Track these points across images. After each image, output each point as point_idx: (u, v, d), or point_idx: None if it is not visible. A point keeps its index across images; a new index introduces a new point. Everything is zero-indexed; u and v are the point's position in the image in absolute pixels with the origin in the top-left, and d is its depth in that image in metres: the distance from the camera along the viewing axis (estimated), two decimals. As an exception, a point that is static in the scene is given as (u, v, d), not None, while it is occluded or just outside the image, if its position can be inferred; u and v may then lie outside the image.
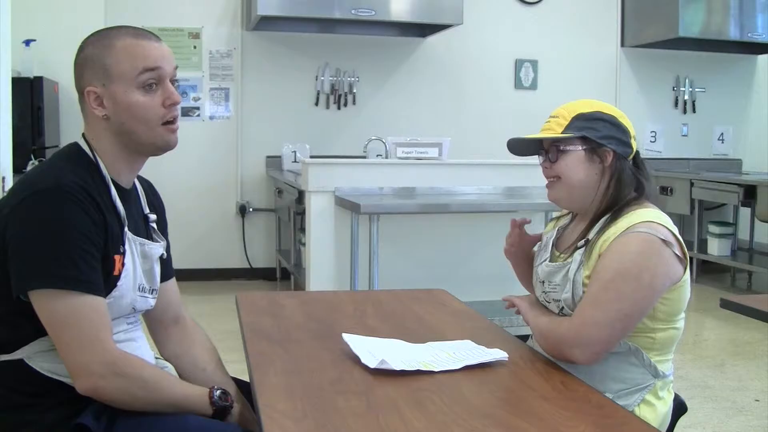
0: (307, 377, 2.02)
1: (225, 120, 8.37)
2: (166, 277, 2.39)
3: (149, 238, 2.26)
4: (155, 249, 2.24)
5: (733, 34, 8.79)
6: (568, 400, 1.91)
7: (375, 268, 5.28)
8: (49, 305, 1.93)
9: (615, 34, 9.28)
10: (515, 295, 2.54)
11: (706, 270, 8.78)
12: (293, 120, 8.46)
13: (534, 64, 9.05)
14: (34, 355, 2.01)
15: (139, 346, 2.21)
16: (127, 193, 2.19)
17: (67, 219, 1.94)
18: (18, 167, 4.75)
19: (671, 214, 7.73)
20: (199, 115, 8.27)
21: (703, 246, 8.57)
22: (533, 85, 9.05)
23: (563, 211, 2.58)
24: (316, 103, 8.56)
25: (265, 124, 8.42)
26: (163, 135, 2.12)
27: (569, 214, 2.52)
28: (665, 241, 2.17)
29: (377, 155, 7.48)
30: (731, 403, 4.77)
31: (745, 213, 8.93)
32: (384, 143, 6.97)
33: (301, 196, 6.30)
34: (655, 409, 2.24)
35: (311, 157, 7.49)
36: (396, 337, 2.34)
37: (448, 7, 7.81)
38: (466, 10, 7.88)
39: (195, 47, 8.19)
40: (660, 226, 2.20)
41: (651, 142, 9.39)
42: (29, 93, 6.82)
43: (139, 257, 2.17)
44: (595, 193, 2.33)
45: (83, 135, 2.17)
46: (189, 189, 7.96)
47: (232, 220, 8.46)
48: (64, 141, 7.25)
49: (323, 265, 5.83)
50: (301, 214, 6.69)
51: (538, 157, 2.45)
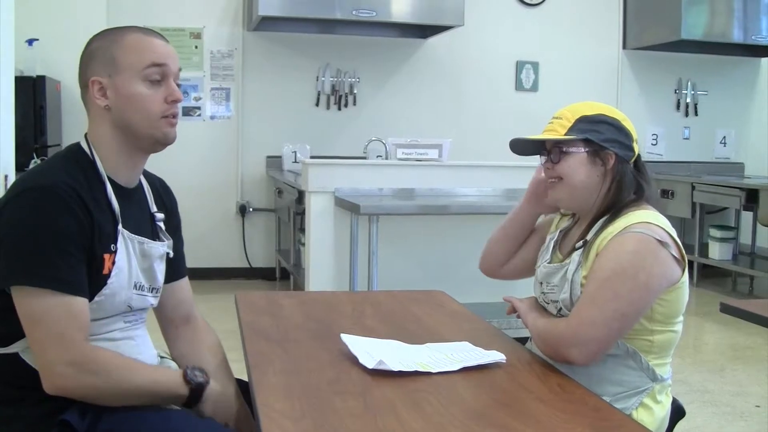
0: (305, 377, 2.02)
1: (226, 120, 8.37)
2: (177, 277, 2.41)
3: (154, 237, 2.26)
4: (156, 248, 2.23)
5: (736, 36, 8.79)
6: (564, 402, 1.91)
7: (374, 268, 5.28)
8: (24, 302, 1.95)
9: (616, 36, 9.29)
10: (515, 297, 2.54)
11: (707, 274, 8.76)
12: (294, 120, 8.47)
13: (535, 65, 9.05)
14: (26, 349, 2.02)
15: (137, 344, 2.20)
16: (127, 192, 2.19)
17: (49, 218, 1.95)
18: (20, 166, 4.75)
19: (672, 218, 7.73)
20: (199, 115, 8.28)
21: (704, 250, 8.56)
22: (534, 87, 9.05)
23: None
24: (317, 104, 8.56)
25: (266, 124, 8.43)
26: (161, 127, 2.13)
27: (571, 217, 2.52)
28: (661, 242, 2.18)
29: (377, 156, 7.48)
30: (731, 409, 4.76)
31: (746, 217, 8.93)
32: (384, 144, 6.97)
33: (301, 197, 6.31)
34: (653, 413, 2.23)
35: (311, 157, 7.49)
36: (394, 338, 2.33)
37: (449, 8, 7.81)
38: (467, 11, 7.87)
39: (196, 47, 8.20)
40: (656, 227, 2.21)
41: (652, 144, 9.39)
42: (32, 92, 6.83)
43: (136, 255, 2.17)
44: (596, 195, 2.34)
45: (86, 135, 2.19)
46: (189, 188, 7.92)
47: (232, 219, 8.47)
48: (66, 140, 7.28)
49: (323, 265, 5.83)
50: (300, 214, 6.69)
51: (539, 158, 2.46)
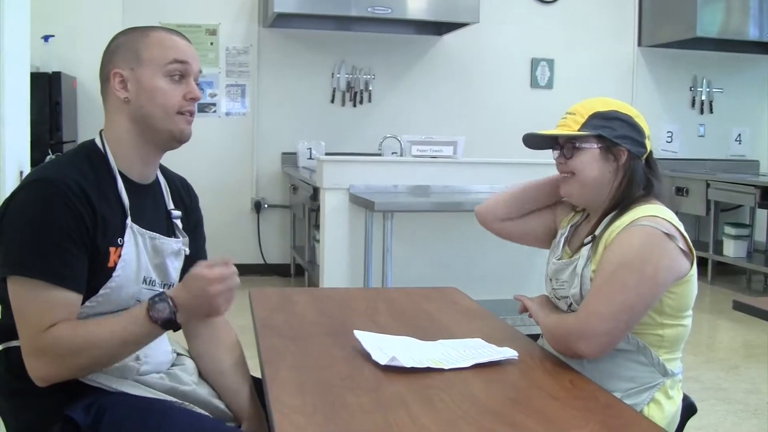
0: (318, 373, 2.04)
1: (241, 116, 8.40)
2: None
3: (169, 234, 2.28)
4: (168, 244, 2.24)
5: (752, 34, 8.75)
6: (576, 399, 1.92)
7: (388, 265, 5.29)
8: (12, 291, 1.99)
9: (632, 33, 9.27)
10: (526, 295, 2.55)
11: (722, 271, 8.74)
12: (309, 117, 8.49)
13: (550, 63, 9.05)
14: None
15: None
16: (141, 188, 2.22)
17: (46, 211, 1.98)
18: (36, 162, 4.77)
19: (687, 215, 7.73)
20: (215, 112, 8.30)
21: (718, 247, 8.53)
22: (549, 85, 9.04)
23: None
24: (332, 101, 8.58)
25: (281, 121, 8.45)
26: (178, 123, 2.15)
27: (582, 213, 2.53)
28: (668, 235, 2.19)
29: (392, 153, 7.49)
30: (744, 406, 4.76)
31: (761, 214, 8.91)
32: (399, 141, 6.98)
33: (316, 193, 6.32)
34: (664, 409, 2.24)
35: (327, 154, 7.51)
36: (407, 335, 2.35)
37: (465, 5, 7.81)
38: (483, 8, 7.88)
39: (212, 44, 8.23)
40: (663, 220, 2.22)
41: (667, 142, 9.37)
42: (47, 88, 6.86)
43: (147, 250, 2.18)
44: (607, 190, 2.35)
45: (101, 132, 2.21)
46: (204, 185, 7.85)
47: (248, 216, 8.50)
48: (82, 136, 7.31)
49: (337, 261, 5.85)
50: (315, 210, 6.71)
51: (552, 152, 2.47)
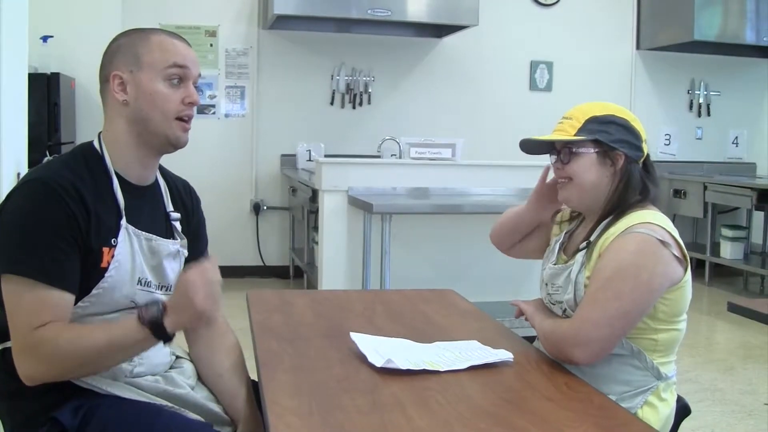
0: (314, 375, 2.05)
1: (240, 118, 8.41)
2: None
3: (168, 236, 2.29)
4: (165, 245, 2.25)
5: (749, 38, 8.78)
6: (571, 401, 1.94)
7: (386, 267, 5.30)
8: (4, 290, 2.01)
9: (630, 36, 9.29)
10: (522, 300, 2.56)
11: (719, 273, 8.76)
12: (308, 119, 8.50)
13: (549, 65, 9.06)
14: None
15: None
16: (139, 190, 2.23)
17: (38, 210, 2.00)
18: (34, 162, 4.78)
19: (684, 218, 7.74)
20: (214, 113, 8.31)
21: (716, 249, 8.56)
22: (548, 87, 9.06)
23: (566, 211, 2.61)
24: (332, 103, 8.59)
25: (281, 123, 8.46)
26: (175, 129, 2.17)
27: (577, 218, 2.55)
28: (663, 242, 2.20)
29: (392, 155, 7.50)
30: (740, 407, 4.77)
31: (758, 216, 8.93)
32: (398, 143, 6.99)
33: (315, 195, 6.34)
34: (658, 411, 2.26)
35: (326, 156, 7.54)
36: (403, 337, 2.36)
37: (464, 8, 7.83)
38: (482, 11, 7.89)
39: (211, 45, 8.24)
40: (658, 227, 2.23)
41: (665, 144, 9.39)
42: (46, 89, 6.86)
43: (143, 251, 2.19)
44: (605, 195, 2.36)
45: (99, 134, 2.23)
46: (204, 186, 7.81)
47: (247, 217, 8.51)
48: (80, 137, 7.32)
49: (336, 263, 5.86)
50: (314, 212, 6.72)
51: (549, 157, 2.47)
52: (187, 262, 2.33)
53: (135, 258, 2.16)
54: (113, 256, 2.10)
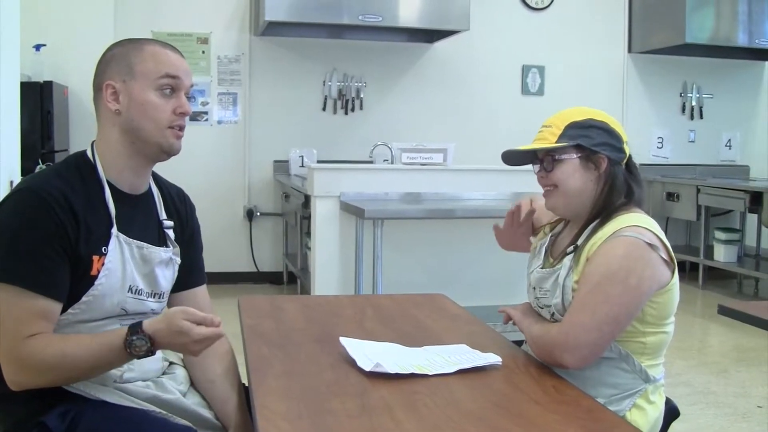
0: (304, 379, 2.06)
1: (233, 124, 8.41)
2: (191, 285, 2.44)
3: (161, 244, 2.30)
4: (156, 253, 2.26)
5: (741, 40, 8.81)
6: (558, 404, 1.94)
7: (378, 272, 5.31)
8: None
9: (622, 40, 9.31)
10: (509, 305, 2.57)
11: (713, 276, 8.78)
12: (301, 125, 8.51)
13: (541, 69, 9.08)
14: None
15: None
16: (132, 198, 2.24)
17: (27, 219, 2.02)
18: (27, 171, 4.79)
19: (678, 220, 7.76)
20: (207, 120, 8.32)
21: (709, 252, 8.57)
22: (540, 91, 9.07)
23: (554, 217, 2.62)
24: (324, 108, 8.60)
25: (273, 129, 8.47)
26: (168, 137, 2.18)
27: (562, 221, 2.56)
28: (651, 245, 2.21)
29: (384, 160, 7.52)
30: (733, 410, 4.79)
31: (751, 219, 8.94)
32: (390, 148, 7.00)
33: (307, 201, 6.34)
34: (646, 413, 2.26)
35: (318, 161, 7.54)
36: (393, 341, 2.37)
37: (455, 13, 7.84)
38: (473, 16, 7.91)
39: (203, 52, 8.24)
40: (646, 230, 2.24)
41: (658, 148, 9.41)
42: (39, 97, 6.88)
43: (134, 259, 2.20)
44: (591, 199, 2.37)
45: (92, 143, 2.24)
46: (197, 193, 7.81)
47: (240, 224, 8.51)
48: (74, 145, 7.33)
49: (328, 269, 5.87)
50: (307, 218, 6.73)
51: (533, 167, 2.48)
52: (181, 268, 2.36)
53: (126, 266, 2.17)
54: (103, 264, 2.12)
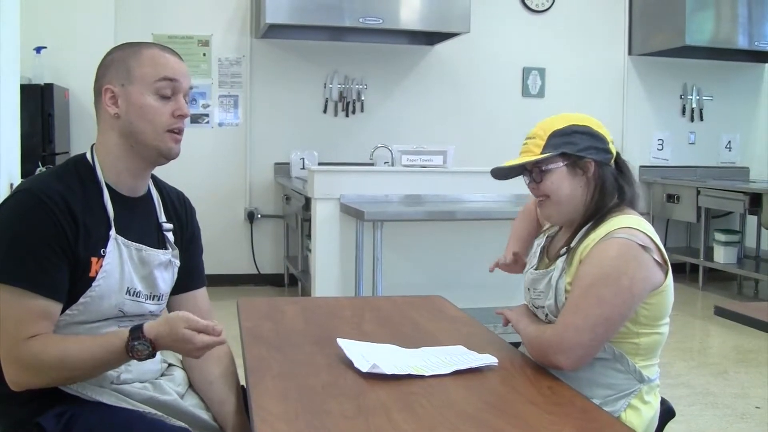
0: (301, 381, 2.07)
1: (234, 127, 8.42)
2: (191, 287, 2.46)
3: (160, 246, 2.32)
4: (155, 255, 2.27)
5: (741, 42, 8.80)
6: (553, 404, 1.96)
7: (378, 274, 5.32)
8: None
9: (622, 42, 9.31)
10: (507, 307, 2.58)
11: (713, 278, 8.79)
12: (301, 127, 8.52)
13: (541, 71, 9.09)
14: None
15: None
16: (130, 201, 2.26)
17: (26, 220, 2.04)
18: (27, 173, 4.81)
19: (678, 222, 7.77)
20: (208, 122, 8.33)
21: (709, 254, 8.58)
22: (541, 93, 9.08)
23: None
24: (325, 111, 8.61)
25: (274, 131, 8.48)
26: (166, 141, 2.20)
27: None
28: (644, 247, 2.22)
29: (384, 162, 7.52)
30: (732, 410, 4.79)
31: (751, 221, 8.95)
32: (390, 151, 7.01)
33: (308, 203, 6.35)
34: (641, 414, 2.27)
35: (319, 164, 7.55)
36: (391, 343, 2.38)
37: (456, 15, 7.85)
38: (474, 18, 7.91)
39: (204, 55, 8.25)
40: (639, 232, 2.25)
41: (658, 149, 9.41)
42: (40, 99, 6.88)
43: (133, 262, 2.22)
44: (583, 203, 2.38)
45: (92, 145, 2.27)
46: (198, 195, 7.81)
47: (241, 226, 8.52)
48: (75, 147, 7.35)
49: (328, 271, 5.88)
50: (308, 220, 6.73)
51: (523, 179, 2.49)
52: (180, 271, 2.37)
53: (124, 268, 2.19)
54: (101, 266, 2.13)
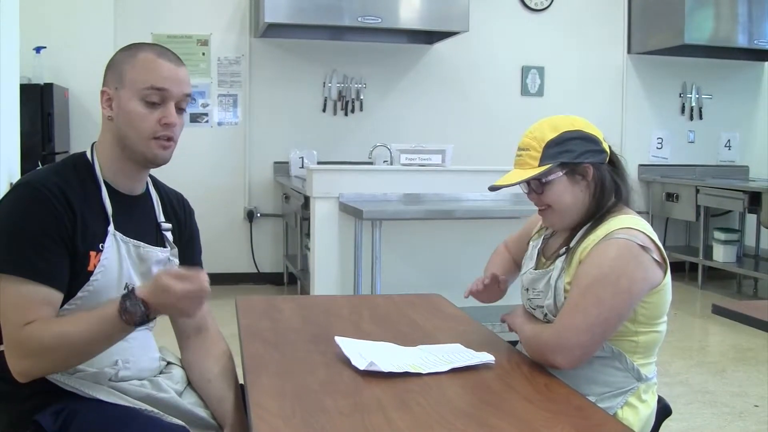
0: (298, 378, 2.08)
1: (233, 126, 8.43)
2: None
3: (158, 244, 2.33)
4: (153, 252, 2.29)
5: (740, 41, 8.81)
6: (549, 402, 1.97)
7: (377, 273, 5.33)
8: None
9: (621, 40, 9.32)
10: (508, 312, 2.58)
11: (712, 276, 8.80)
12: (301, 126, 8.52)
13: (540, 70, 9.09)
14: None
15: (131, 346, 2.24)
16: (129, 199, 2.28)
17: (26, 212, 2.06)
18: (27, 172, 4.81)
19: (677, 221, 7.78)
20: (207, 122, 8.34)
21: (708, 252, 8.58)
22: (540, 92, 9.08)
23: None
24: (324, 110, 8.62)
25: (273, 131, 8.49)
26: (152, 148, 2.20)
27: None
28: (643, 247, 2.23)
29: (384, 161, 7.53)
30: (730, 409, 4.80)
31: (751, 219, 8.95)
32: (389, 149, 7.02)
33: (307, 202, 6.36)
34: (638, 412, 2.28)
35: (318, 163, 7.56)
36: (389, 341, 2.39)
37: (455, 14, 7.85)
38: (473, 17, 7.93)
39: (203, 54, 8.26)
40: (638, 232, 2.25)
41: (657, 148, 9.42)
42: (39, 99, 6.90)
43: (132, 258, 2.23)
44: (585, 206, 2.38)
45: (93, 143, 2.29)
46: (197, 194, 7.82)
47: (240, 225, 8.53)
48: (74, 146, 7.35)
49: (327, 270, 5.89)
50: (307, 219, 6.74)
51: (521, 189, 2.47)
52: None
53: (122, 264, 2.20)
54: (100, 261, 2.15)
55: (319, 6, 7.56)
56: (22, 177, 2.21)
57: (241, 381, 2.34)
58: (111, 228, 2.18)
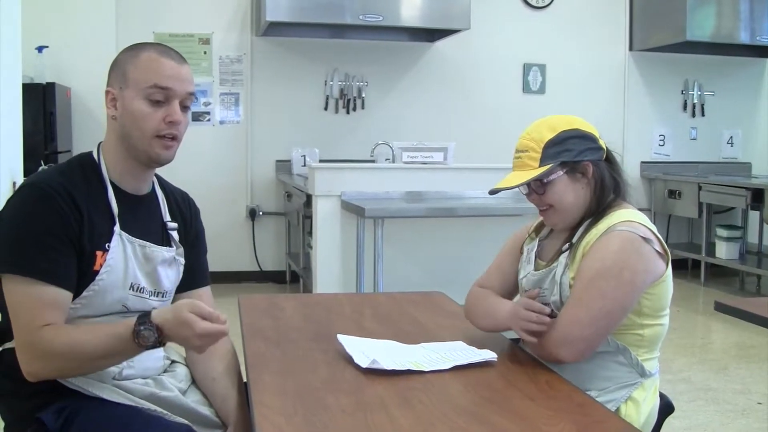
0: (300, 376, 2.08)
1: (235, 125, 8.44)
2: (194, 285, 2.47)
3: (164, 244, 2.33)
4: (159, 252, 2.29)
5: (742, 37, 8.80)
6: (551, 399, 1.97)
7: (379, 271, 5.33)
8: (5, 289, 2.07)
9: (623, 38, 9.31)
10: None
11: (715, 273, 8.80)
12: (303, 124, 8.53)
13: (542, 68, 9.09)
14: None
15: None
16: (135, 199, 2.29)
17: (33, 212, 2.07)
18: (29, 172, 4.81)
19: (679, 218, 7.77)
20: (209, 120, 8.34)
21: (711, 249, 8.58)
22: (541, 90, 9.08)
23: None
24: (326, 108, 8.62)
25: (275, 129, 8.49)
26: (154, 147, 2.21)
27: (545, 227, 2.57)
28: (645, 239, 2.24)
29: (385, 159, 7.53)
30: (733, 406, 4.80)
31: (753, 216, 8.94)
32: (391, 147, 7.01)
33: (309, 200, 6.36)
34: (640, 407, 2.28)
35: (320, 161, 7.56)
36: (391, 339, 2.40)
37: (456, 12, 7.85)
38: (474, 14, 7.92)
39: (205, 53, 8.27)
40: (639, 224, 2.27)
41: (660, 145, 9.41)
42: (42, 99, 6.90)
43: (137, 258, 2.24)
44: (586, 203, 2.39)
45: (99, 143, 2.30)
46: (199, 193, 7.79)
47: (243, 223, 8.53)
48: (77, 146, 7.37)
49: (330, 268, 5.89)
50: (309, 217, 6.74)
51: (520, 191, 2.46)
52: (184, 269, 2.39)
53: (128, 264, 2.21)
54: (105, 260, 2.15)
55: (320, 4, 7.56)
56: (27, 178, 2.22)
57: (243, 379, 2.35)
58: (117, 228, 2.19)
